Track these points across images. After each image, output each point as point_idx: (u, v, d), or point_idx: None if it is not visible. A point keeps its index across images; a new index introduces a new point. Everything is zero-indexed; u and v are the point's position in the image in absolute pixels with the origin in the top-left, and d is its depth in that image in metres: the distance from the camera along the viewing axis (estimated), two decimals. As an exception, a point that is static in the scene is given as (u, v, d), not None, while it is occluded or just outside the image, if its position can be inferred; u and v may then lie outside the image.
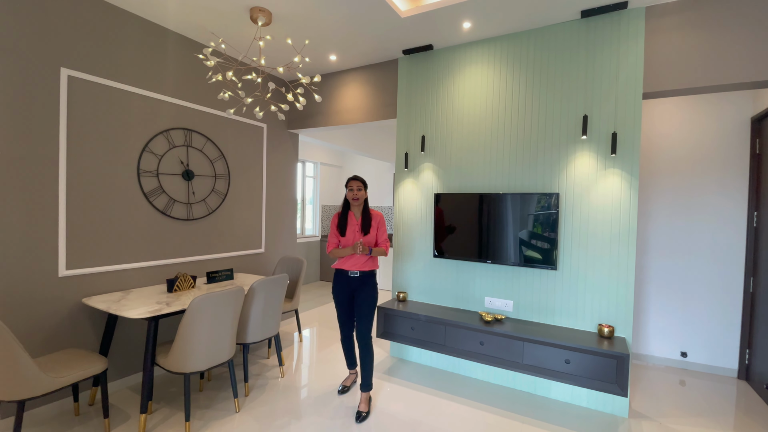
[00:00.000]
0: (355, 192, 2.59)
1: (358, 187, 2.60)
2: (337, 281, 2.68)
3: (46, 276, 2.40)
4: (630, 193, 2.57)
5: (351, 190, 2.60)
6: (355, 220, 2.65)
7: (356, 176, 2.64)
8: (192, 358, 2.25)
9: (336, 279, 2.69)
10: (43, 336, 2.40)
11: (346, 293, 2.65)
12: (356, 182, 2.61)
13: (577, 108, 2.74)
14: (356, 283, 2.62)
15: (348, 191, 2.62)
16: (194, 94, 3.26)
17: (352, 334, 2.78)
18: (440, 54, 3.28)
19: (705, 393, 2.96)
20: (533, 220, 2.81)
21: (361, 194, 2.60)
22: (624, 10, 2.58)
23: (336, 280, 2.69)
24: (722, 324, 3.29)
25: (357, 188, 2.60)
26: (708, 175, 3.35)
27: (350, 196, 2.61)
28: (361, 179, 2.63)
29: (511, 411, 2.61)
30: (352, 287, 2.64)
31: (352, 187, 2.60)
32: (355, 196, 2.59)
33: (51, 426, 2.30)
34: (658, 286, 3.52)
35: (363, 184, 2.63)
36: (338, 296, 2.67)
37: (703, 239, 3.35)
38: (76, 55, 2.51)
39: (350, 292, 2.65)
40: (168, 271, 3.09)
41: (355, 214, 2.67)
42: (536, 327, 2.76)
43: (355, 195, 2.59)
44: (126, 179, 2.79)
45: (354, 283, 2.63)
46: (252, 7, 2.66)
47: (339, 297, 2.67)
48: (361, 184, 2.62)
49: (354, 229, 2.62)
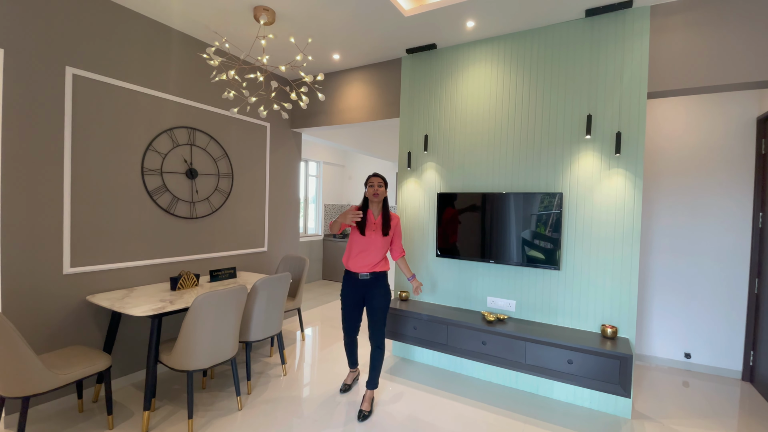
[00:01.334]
0: (375, 188, 2.53)
1: (378, 183, 2.54)
2: (347, 284, 2.62)
3: (50, 273, 2.41)
4: (634, 193, 2.55)
5: (372, 186, 2.55)
6: (373, 219, 2.58)
7: (377, 173, 2.59)
8: (195, 355, 2.25)
9: (346, 281, 2.63)
10: (48, 333, 2.41)
11: (356, 296, 2.60)
12: (377, 178, 2.56)
13: (581, 107, 2.73)
14: (367, 286, 2.57)
15: (369, 187, 2.57)
16: (198, 93, 3.27)
17: (356, 337, 2.75)
18: (443, 53, 3.28)
19: (709, 394, 2.94)
20: (536, 219, 2.80)
21: (382, 191, 2.54)
22: (629, 9, 2.57)
23: (346, 283, 2.63)
24: (726, 325, 3.27)
25: (378, 184, 2.54)
26: (713, 175, 3.32)
27: (371, 192, 2.55)
28: (382, 176, 2.58)
29: (513, 411, 2.61)
30: (363, 290, 2.58)
31: (373, 183, 2.55)
32: (375, 192, 2.53)
33: (55, 422, 2.31)
34: (662, 286, 3.51)
35: (384, 181, 2.58)
36: (347, 299, 2.61)
37: (708, 240, 3.33)
38: (81, 53, 2.52)
39: (361, 295, 2.60)
40: (171, 269, 3.10)
41: (373, 212, 2.60)
42: (539, 327, 2.75)
43: (375, 191, 2.53)
44: (130, 177, 2.81)
45: (365, 286, 2.57)
46: (256, 5, 2.67)
47: (348, 300, 2.61)
48: (382, 181, 2.56)
49: (372, 228, 2.56)
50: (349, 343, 2.78)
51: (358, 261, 2.55)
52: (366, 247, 2.55)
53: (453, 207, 3.15)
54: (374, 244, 2.55)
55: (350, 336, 2.73)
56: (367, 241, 2.55)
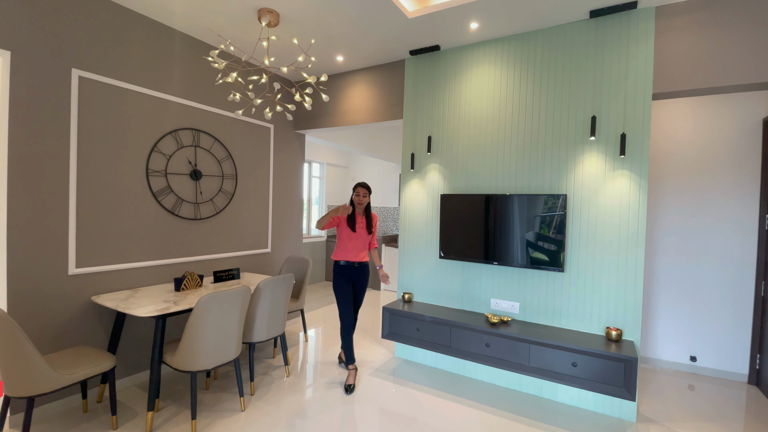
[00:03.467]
0: (361, 198, 3.04)
1: (363, 194, 3.05)
2: (341, 274, 3.02)
3: (56, 274, 2.43)
4: (639, 195, 2.54)
5: (358, 195, 3.04)
6: (360, 218, 3.09)
7: (364, 183, 3.07)
8: (199, 356, 2.26)
9: (339, 273, 3.02)
10: (53, 333, 2.43)
11: (348, 283, 3.03)
12: (363, 189, 3.06)
13: (585, 109, 2.72)
14: (357, 272, 3.07)
15: (355, 195, 3.05)
16: (202, 95, 3.29)
17: (353, 322, 3.06)
18: (447, 54, 3.28)
19: (714, 398, 2.92)
20: (540, 221, 2.79)
21: (366, 200, 3.07)
22: (633, 10, 2.56)
23: (340, 274, 3.02)
24: (733, 328, 3.24)
25: (363, 194, 3.05)
26: (719, 176, 3.30)
27: (356, 200, 3.04)
28: (367, 186, 3.09)
29: (517, 413, 2.60)
30: (353, 277, 3.06)
31: (359, 193, 3.04)
32: (360, 201, 3.04)
33: (60, 422, 2.33)
34: (668, 288, 3.48)
35: (368, 190, 3.09)
36: (342, 289, 2.99)
37: (714, 242, 3.31)
38: (87, 56, 2.54)
39: (352, 282, 3.06)
40: (175, 270, 3.11)
41: (359, 212, 3.11)
42: (543, 329, 2.74)
43: (360, 200, 3.04)
44: (135, 179, 2.82)
45: (356, 273, 3.07)
46: (260, 8, 2.68)
47: (343, 290, 2.99)
48: (366, 191, 3.07)
49: (360, 226, 3.07)
50: (350, 328, 2.98)
51: (352, 252, 3.03)
52: (356, 243, 3.04)
53: (456, 208, 3.15)
54: (362, 239, 3.08)
55: (350, 323, 2.98)
56: (356, 236, 3.04)
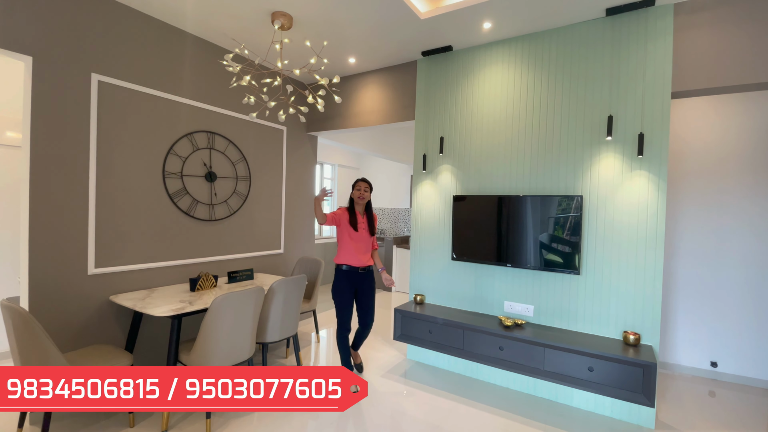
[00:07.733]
0: (362, 192, 2.86)
1: (365, 188, 2.88)
2: (344, 278, 2.85)
3: (75, 274, 2.49)
4: (658, 196, 2.48)
5: (359, 189, 2.87)
6: (361, 218, 2.90)
7: (364, 178, 2.91)
8: (213, 355, 2.29)
9: (341, 277, 2.85)
10: (73, 332, 2.48)
11: (351, 289, 2.87)
12: (363, 183, 2.89)
13: (601, 108, 2.67)
14: (362, 278, 2.89)
15: (355, 190, 2.88)
16: (216, 98, 3.33)
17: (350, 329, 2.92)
18: (460, 55, 3.26)
19: (735, 405, 2.83)
20: (555, 222, 2.75)
21: (367, 195, 2.88)
22: (651, 7, 2.51)
23: (342, 278, 2.85)
24: (755, 333, 3.14)
25: (364, 189, 2.88)
26: (740, 177, 3.20)
27: (357, 195, 2.86)
28: (369, 182, 2.93)
29: (531, 418, 2.56)
30: (357, 282, 2.88)
31: (360, 187, 2.87)
32: (361, 196, 2.86)
33: (78, 419, 2.38)
34: (687, 292, 3.39)
35: (369, 185, 2.92)
36: (343, 293, 2.84)
37: (735, 244, 3.21)
38: (106, 60, 2.60)
39: (355, 287, 2.88)
40: (191, 271, 3.16)
41: (360, 212, 2.92)
42: (558, 333, 2.70)
43: (361, 194, 2.86)
44: (152, 181, 2.87)
45: (360, 279, 2.88)
46: (274, 11, 2.70)
47: (344, 294, 2.84)
48: (368, 186, 2.91)
49: (362, 226, 2.89)
50: (346, 336, 2.89)
51: (357, 257, 2.84)
52: (359, 245, 2.85)
53: (468, 210, 3.12)
54: (365, 241, 2.89)
55: (348, 328, 2.88)
56: (359, 237, 2.85)
